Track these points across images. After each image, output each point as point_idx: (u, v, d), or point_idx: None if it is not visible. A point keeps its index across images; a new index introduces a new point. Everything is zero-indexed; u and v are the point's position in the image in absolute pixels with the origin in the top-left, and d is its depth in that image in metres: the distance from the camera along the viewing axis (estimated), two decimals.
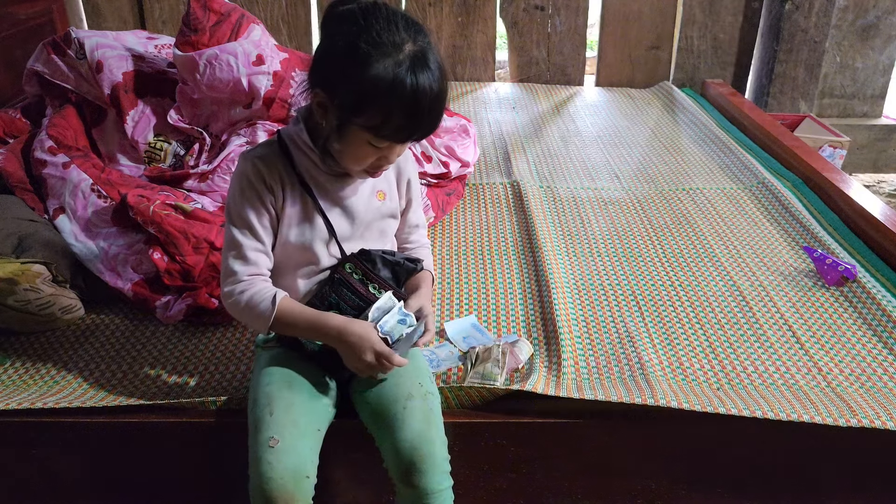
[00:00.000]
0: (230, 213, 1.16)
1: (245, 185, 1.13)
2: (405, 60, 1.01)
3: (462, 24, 3.34)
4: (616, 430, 1.31)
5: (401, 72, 1.01)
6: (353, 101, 1.03)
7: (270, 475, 1.04)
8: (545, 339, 1.54)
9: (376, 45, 1.01)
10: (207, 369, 1.45)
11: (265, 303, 1.12)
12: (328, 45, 1.06)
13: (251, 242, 1.14)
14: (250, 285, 1.14)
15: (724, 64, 3.42)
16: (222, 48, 1.95)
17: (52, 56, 2.01)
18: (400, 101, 1.02)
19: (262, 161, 1.13)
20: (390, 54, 1.01)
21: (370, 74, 1.00)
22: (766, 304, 1.66)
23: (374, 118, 1.04)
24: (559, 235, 1.97)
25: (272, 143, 1.17)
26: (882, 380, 1.41)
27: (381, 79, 1.01)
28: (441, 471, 1.10)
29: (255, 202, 1.13)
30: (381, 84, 1.01)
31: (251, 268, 1.14)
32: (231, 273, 1.14)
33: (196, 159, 1.97)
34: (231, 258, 1.15)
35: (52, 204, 1.79)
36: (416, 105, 1.03)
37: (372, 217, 1.22)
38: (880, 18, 3.35)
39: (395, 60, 1.01)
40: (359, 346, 1.11)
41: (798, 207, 2.08)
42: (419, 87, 1.02)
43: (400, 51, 1.01)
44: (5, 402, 1.32)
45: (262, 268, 1.16)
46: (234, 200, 1.15)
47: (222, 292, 1.17)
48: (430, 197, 2.00)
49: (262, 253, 1.15)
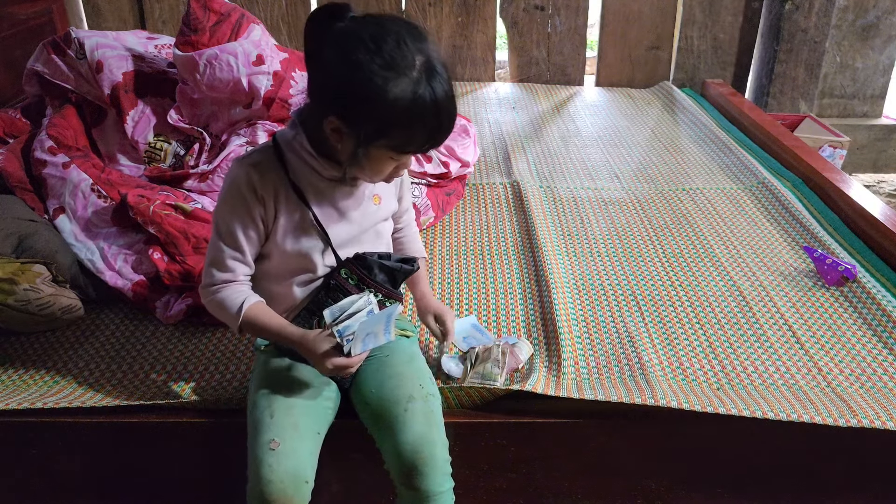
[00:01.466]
0: (215, 218, 1.16)
1: (234, 193, 1.12)
2: (420, 76, 1.00)
3: (462, 24, 3.34)
4: (616, 430, 1.31)
5: (419, 89, 1.00)
6: (375, 127, 1.02)
7: (270, 478, 1.04)
8: (545, 339, 1.54)
9: (391, 68, 0.99)
10: (207, 369, 1.45)
11: (232, 310, 1.14)
12: (339, 73, 1.01)
13: (230, 251, 1.14)
14: (221, 289, 1.15)
15: (724, 64, 3.42)
16: (222, 48, 1.95)
17: (52, 56, 2.01)
18: (422, 118, 1.02)
19: (256, 169, 1.12)
20: (405, 73, 1.00)
21: (390, 100, 0.99)
22: (766, 304, 1.66)
23: (397, 138, 1.04)
24: (559, 235, 1.97)
25: (268, 149, 1.15)
26: (882, 380, 1.41)
27: (402, 101, 1.00)
28: (442, 472, 1.10)
29: (242, 212, 1.13)
30: (402, 106, 1.00)
31: (227, 274, 1.15)
32: (209, 275, 1.16)
33: (196, 159, 1.97)
34: (209, 262, 1.16)
35: (52, 204, 1.79)
36: (438, 117, 1.03)
37: (369, 222, 1.21)
38: (880, 18, 3.35)
39: (410, 79, 1.00)
40: (313, 360, 1.11)
41: (798, 207, 2.08)
42: (438, 99, 1.02)
43: (413, 68, 1.00)
44: (5, 402, 1.32)
45: (238, 275, 1.16)
46: (221, 207, 1.15)
47: (199, 288, 1.18)
48: (430, 197, 2.00)
49: (240, 262, 1.16)
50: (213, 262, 1.16)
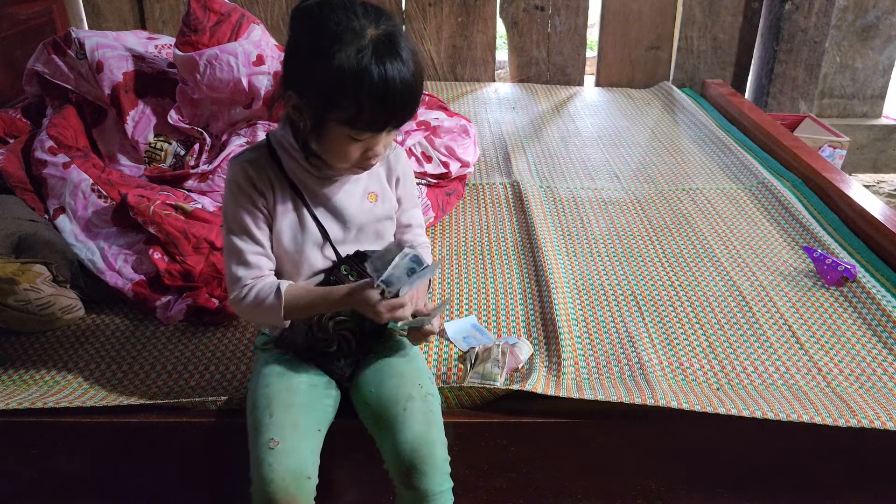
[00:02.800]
0: (227, 220, 1.16)
1: (237, 191, 1.13)
2: (368, 46, 0.99)
3: (462, 24, 3.34)
4: (616, 430, 1.31)
5: (364, 59, 0.99)
6: (322, 96, 1.02)
7: (272, 477, 1.04)
8: (545, 339, 1.54)
9: (335, 35, 0.99)
10: (207, 369, 1.45)
11: (271, 297, 1.12)
12: (291, 45, 1.06)
13: (250, 247, 1.14)
14: (252, 288, 1.14)
15: (724, 64, 3.42)
16: (222, 48, 1.95)
17: (53, 56, 2.01)
18: (369, 90, 1.00)
19: (251, 165, 1.13)
20: (351, 42, 0.99)
21: (334, 66, 0.99)
22: (765, 304, 1.66)
23: (346, 111, 1.02)
24: (559, 235, 1.97)
25: (261, 147, 1.16)
26: (882, 380, 1.41)
27: (346, 69, 0.99)
28: (441, 472, 1.10)
29: (249, 206, 1.13)
30: (347, 74, 0.99)
31: (254, 271, 1.14)
32: (235, 279, 1.15)
33: (196, 159, 1.97)
34: (233, 265, 1.15)
35: (53, 204, 1.79)
36: (385, 93, 1.01)
37: (365, 219, 1.21)
38: (880, 18, 3.35)
39: (356, 47, 0.99)
40: (368, 311, 1.10)
41: (798, 207, 2.08)
42: (387, 75, 1.00)
43: (361, 37, 1.00)
44: (5, 402, 1.32)
45: (264, 269, 1.15)
46: (229, 206, 1.15)
47: (230, 299, 1.16)
48: (430, 197, 2.00)
49: (263, 255, 1.15)
50: (237, 265, 1.14)
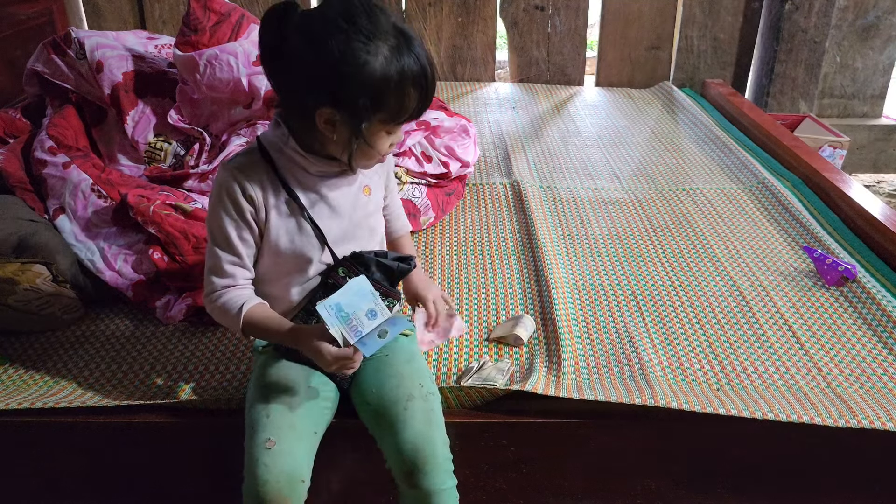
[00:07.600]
0: (209, 224, 1.16)
1: (223, 197, 1.12)
2: (394, 42, 1.03)
3: (462, 24, 3.34)
4: (616, 430, 1.31)
5: (402, 54, 1.03)
6: (369, 102, 1.03)
7: (266, 477, 1.04)
8: (545, 339, 1.54)
9: (371, 40, 1.01)
10: (207, 369, 1.45)
11: (232, 312, 1.13)
12: (321, 60, 1.01)
13: (227, 256, 1.14)
14: (222, 295, 1.14)
15: (724, 64, 3.42)
16: (222, 48, 1.95)
17: (53, 56, 2.01)
18: (414, 81, 1.04)
19: (242, 171, 1.12)
20: (386, 41, 1.02)
21: (377, 69, 1.01)
22: (766, 304, 1.66)
23: (393, 107, 1.05)
24: (559, 235, 1.97)
25: (252, 151, 1.15)
26: (882, 380, 1.41)
27: (389, 69, 1.02)
28: (444, 470, 1.10)
29: (233, 215, 1.12)
30: (391, 73, 1.02)
31: (226, 280, 1.15)
32: (209, 282, 1.16)
33: (196, 159, 1.97)
34: (207, 270, 1.16)
35: (52, 204, 1.79)
36: (425, 78, 1.05)
37: (361, 215, 1.21)
38: (880, 18, 3.35)
39: (390, 46, 1.02)
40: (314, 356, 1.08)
41: (798, 207, 2.08)
42: (421, 61, 1.04)
43: (389, 35, 1.03)
44: (5, 402, 1.32)
45: (238, 279, 1.16)
46: (213, 213, 1.14)
47: (203, 299, 1.18)
48: (430, 197, 2.00)
49: (239, 266, 1.15)
50: (211, 270, 1.16)
